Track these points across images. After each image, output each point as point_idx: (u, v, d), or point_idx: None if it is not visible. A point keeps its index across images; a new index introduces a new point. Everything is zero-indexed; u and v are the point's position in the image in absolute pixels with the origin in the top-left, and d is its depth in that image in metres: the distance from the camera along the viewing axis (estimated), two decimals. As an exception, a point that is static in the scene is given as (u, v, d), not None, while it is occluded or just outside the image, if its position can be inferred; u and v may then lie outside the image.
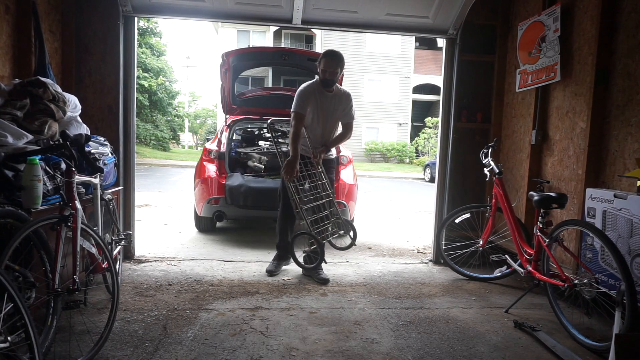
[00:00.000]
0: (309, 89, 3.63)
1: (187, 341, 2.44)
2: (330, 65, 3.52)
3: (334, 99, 3.68)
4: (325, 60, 3.52)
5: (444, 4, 3.96)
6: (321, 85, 3.62)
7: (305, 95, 3.61)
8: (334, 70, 3.53)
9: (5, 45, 3.00)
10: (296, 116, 3.58)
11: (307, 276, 3.74)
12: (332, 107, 3.68)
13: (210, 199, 4.82)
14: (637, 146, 2.81)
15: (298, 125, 3.56)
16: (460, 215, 3.88)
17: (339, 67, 3.56)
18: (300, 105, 3.59)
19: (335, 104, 3.69)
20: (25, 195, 2.05)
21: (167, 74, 25.61)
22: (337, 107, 3.70)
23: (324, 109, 3.66)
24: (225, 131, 5.52)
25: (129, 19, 3.82)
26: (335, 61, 3.54)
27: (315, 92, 3.62)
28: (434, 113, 25.43)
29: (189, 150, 32.53)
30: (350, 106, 3.75)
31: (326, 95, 3.64)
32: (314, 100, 3.61)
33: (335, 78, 3.57)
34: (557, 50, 3.45)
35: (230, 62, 5.28)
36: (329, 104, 3.66)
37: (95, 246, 2.37)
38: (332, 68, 3.52)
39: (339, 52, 3.62)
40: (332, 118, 3.72)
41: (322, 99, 3.63)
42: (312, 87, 3.64)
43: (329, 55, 3.55)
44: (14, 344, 1.55)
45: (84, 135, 2.41)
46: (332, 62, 3.52)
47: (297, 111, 3.59)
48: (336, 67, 3.54)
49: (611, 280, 2.71)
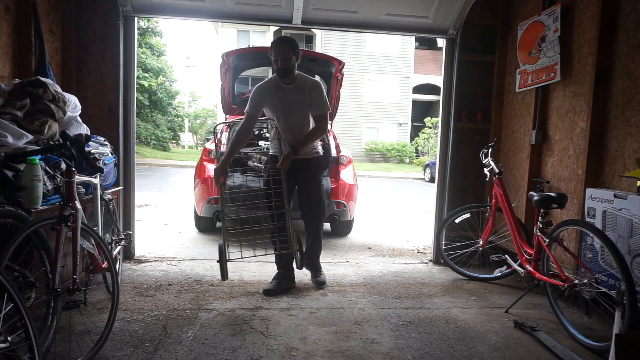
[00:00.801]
0: (263, 85, 3.30)
1: (187, 341, 2.44)
2: (279, 52, 3.12)
3: (294, 91, 3.25)
4: (274, 49, 3.14)
5: (444, 4, 3.96)
6: (278, 77, 3.23)
7: (257, 93, 3.27)
8: (286, 56, 3.12)
9: (5, 45, 3.00)
10: (245, 117, 3.28)
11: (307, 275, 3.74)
12: (293, 100, 3.25)
13: (210, 199, 4.82)
14: (637, 146, 2.81)
15: (242, 126, 3.27)
16: (460, 215, 3.88)
17: (290, 51, 3.14)
18: (251, 104, 3.26)
19: (297, 95, 3.25)
20: (25, 195, 2.05)
21: (167, 74, 25.61)
22: (300, 99, 3.26)
23: (283, 103, 3.26)
24: (225, 131, 5.52)
25: (129, 19, 3.82)
26: (285, 46, 3.13)
27: (271, 87, 3.26)
28: (434, 113, 25.43)
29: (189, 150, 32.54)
30: (318, 96, 3.27)
31: (284, 88, 3.24)
32: (269, 97, 3.25)
33: (288, 65, 3.15)
34: (557, 50, 3.45)
35: (230, 62, 5.28)
36: (289, 97, 3.25)
37: (95, 246, 2.37)
38: (282, 54, 3.12)
39: (286, 37, 3.26)
40: (295, 112, 3.28)
41: (280, 93, 3.24)
42: (268, 83, 3.29)
43: (276, 43, 3.17)
44: (14, 344, 1.55)
45: (84, 135, 2.41)
46: (280, 49, 3.12)
47: (246, 111, 3.28)
48: (287, 53, 3.12)
49: (611, 280, 2.71)
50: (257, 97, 3.25)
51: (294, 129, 3.32)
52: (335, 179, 5.12)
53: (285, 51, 3.12)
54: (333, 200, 4.92)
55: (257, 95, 3.26)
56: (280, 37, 3.22)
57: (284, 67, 3.15)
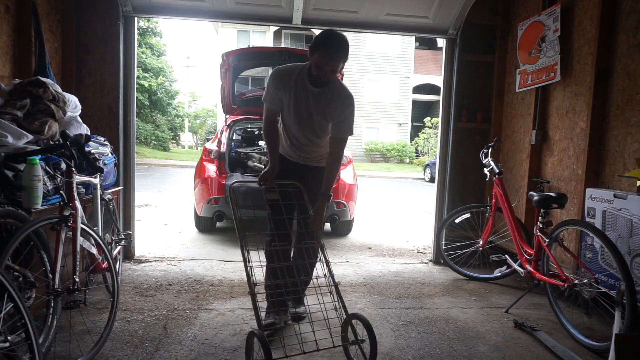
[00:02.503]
0: (284, 72, 2.54)
1: (187, 341, 2.44)
2: (331, 61, 2.35)
3: (321, 98, 2.51)
4: (325, 55, 2.34)
5: (444, 4, 3.96)
6: (308, 77, 2.49)
7: (276, 81, 2.53)
8: (335, 68, 2.39)
9: (5, 45, 3.00)
10: (265, 109, 2.62)
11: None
12: (315, 107, 2.53)
13: (210, 199, 4.82)
14: (637, 146, 2.81)
15: (266, 122, 2.62)
16: (460, 215, 3.88)
17: (343, 61, 2.41)
18: (267, 95, 2.58)
19: (323, 104, 2.52)
20: (25, 195, 2.05)
21: (167, 74, 25.61)
22: (323, 109, 2.52)
23: (301, 107, 2.54)
24: (225, 131, 5.52)
25: (129, 19, 3.82)
26: (339, 54, 2.36)
27: (293, 79, 2.51)
28: (434, 113, 25.42)
29: (189, 150, 32.52)
30: (348, 115, 2.52)
31: (309, 89, 2.51)
32: (287, 91, 2.52)
33: (332, 78, 2.46)
34: (557, 50, 3.45)
35: (230, 62, 5.28)
36: (311, 101, 2.52)
37: (95, 246, 2.37)
38: (333, 64, 2.36)
39: (340, 38, 2.39)
40: (311, 122, 2.56)
41: (301, 92, 2.52)
42: (292, 71, 2.53)
43: (331, 46, 2.34)
44: (14, 344, 1.55)
45: (84, 135, 2.41)
46: (335, 57, 2.35)
47: (266, 104, 2.61)
48: (339, 63, 2.38)
49: (611, 280, 2.71)
50: (274, 87, 2.54)
51: (301, 143, 2.65)
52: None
53: (338, 61, 2.38)
54: (333, 200, 4.92)
55: (276, 82, 2.53)
56: (337, 38, 2.37)
57: (327, 79, 2.44)
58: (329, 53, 2.36)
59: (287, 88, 2.53)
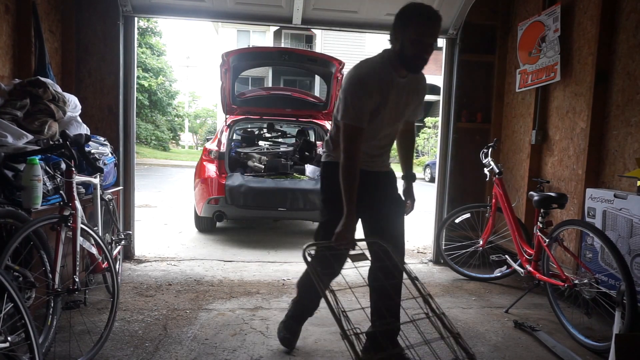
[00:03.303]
0: (375, 70, 2.02)
1: (187, 341, 2.44)
2: (431, 30, 1.97)
3: (406, 87, 2.10)
4: (421, 23, 1.94)
5: (444, 4, 3.95)
6: (401, 65, 2.01)
7: (368, 85, 1.98)
8: (435, 39, 2.03)
9: (5, 45, 3.00)
10: (352, 133, 2.00)
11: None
12: (405, 100, 2.13)
13: (210, 199, 4.82)
14: (637, 146, 2.81)
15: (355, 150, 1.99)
16: (460, 215, 3.88)
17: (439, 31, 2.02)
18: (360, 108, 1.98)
19: (409, 94, 2.14)
20: (25, 195, 2.05)
21: (167, 74, 25.60)
22: (411, 99, 2.16)
23: (396, 103, 2.10)
24: (225, 131, 5.52)
25: (129, 19, 3.82)
26: (438, 19, 2.00)
27: (386, 78, 2.03)
28: (434, 113, 25.40)
29: (189, 150, 32.50)
30: (423, 97, 2.26)
31: (397, 81, 2.06)
32: (379, 93, 2.01)
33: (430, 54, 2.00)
34: (557, 50, 3.45)
35: (230, 62, 5.28)
36: (401, 94, 2.09)
37: (95, 246, 2.37)
38: (434, 34, 1.99)
39: (432, 9, 2.01)
40: (400, 118, 2.20)
41: (390, 88, 2.04)
42: (382, 69, 2.03)
43: (423, 12, 1.96)
44: (14, 344, 1.55)
45: (84, 135, 2.41)
46: (434, 22, 1.98)
47: (354, 124, 1.99)
48: (439, 30, 2.01)
49: (611, 280, 2.71)
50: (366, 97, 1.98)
51: (382, 148, 2.25)
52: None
53: (439, 27, 2.00)
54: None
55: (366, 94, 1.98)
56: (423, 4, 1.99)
57: (428, 57, 1.99)
58: (430, 17, 1.94)
59: (378, 92, 2.01)
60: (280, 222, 6.21)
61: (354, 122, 1.99)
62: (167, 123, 27.11)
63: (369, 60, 2.09)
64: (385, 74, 2.03)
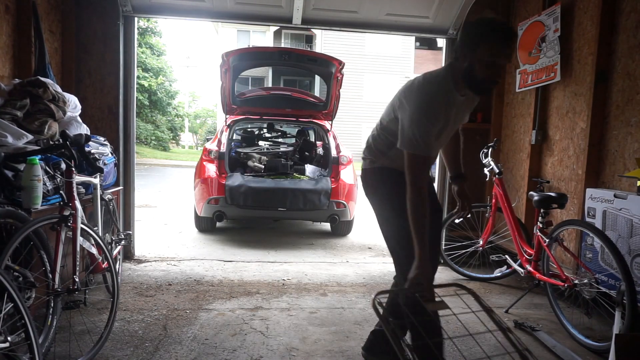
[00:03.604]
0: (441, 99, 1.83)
1: (187, 341, 2.44)
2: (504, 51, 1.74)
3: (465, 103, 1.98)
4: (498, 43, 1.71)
5: (444, 4, 3.96)
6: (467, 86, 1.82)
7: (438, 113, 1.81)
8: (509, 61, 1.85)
9: (5, 45, 3.00)
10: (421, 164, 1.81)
11: (307, 275, 3.74)
12: (463, 116, 2.08)
13: (210, 199, 4.82)
14: (637, 146, 2.81)
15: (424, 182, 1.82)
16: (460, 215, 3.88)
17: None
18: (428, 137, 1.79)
19: (467, 108, 2.06)
20: (25, 195, 2.05)
21: (167, 74, 25.60)
22: (467, 111, 2.10)
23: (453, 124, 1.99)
24: (225, 131, 5.52)
25: (129, 18, 3.82)
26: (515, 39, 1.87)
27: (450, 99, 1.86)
28: (434, 113, 25.40)
29: (189, 150, 32.51)
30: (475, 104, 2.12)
31: (457, 99, 1.90)
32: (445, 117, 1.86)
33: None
34: (557, 50, 3.45)
35: (230, 62, 5.28)
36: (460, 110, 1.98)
37: (95, 246, 2.37)
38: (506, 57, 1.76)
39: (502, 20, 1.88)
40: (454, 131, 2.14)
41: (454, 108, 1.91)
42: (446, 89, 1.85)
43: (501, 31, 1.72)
44: (14, 344, 1.55)
45: (84, 135, 2.41)
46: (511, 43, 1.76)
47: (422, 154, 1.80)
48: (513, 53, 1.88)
49: (611, 280, 2.71)
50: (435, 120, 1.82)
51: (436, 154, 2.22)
52: (335, 179, 5.12)
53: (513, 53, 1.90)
54: (333, 200, 4.92)
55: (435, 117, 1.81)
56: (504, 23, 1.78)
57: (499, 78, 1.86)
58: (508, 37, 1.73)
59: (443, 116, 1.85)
60: (280, 222, 6.21)
61: (423, 152, 1.80)
62: (167, 123, 27.11)
63: (433, 81, 1.85)
64: (450, 95, 1.85)
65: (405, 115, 1.83)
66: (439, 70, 1.93)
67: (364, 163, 2.17)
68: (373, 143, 2.12)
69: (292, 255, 4.49)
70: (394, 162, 2.02)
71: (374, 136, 2.13)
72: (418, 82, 1.88)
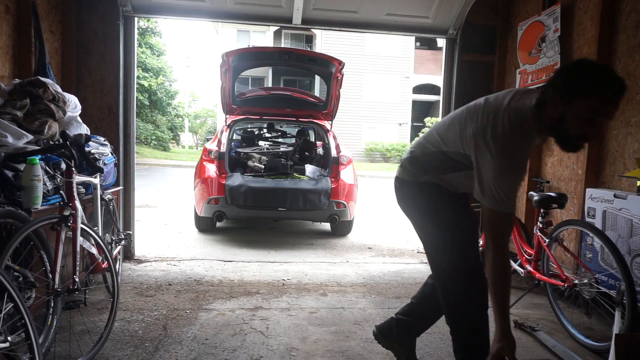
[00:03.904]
0: (529, 147, 1.63)
1: (187, 341, 2.44)
2: (609, 109, 1.52)
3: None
4: (600, 99, 1.48)
5: (444, 4, 3.96)
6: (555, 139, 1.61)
7: (525, 162, 1.64)
8: (611, 119, 1.63)
9: (5, 45, 3.00)
10: (506, 223, 1.63)
11: (307, 275, 3.74)
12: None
13: (210, 199, 4.82)
14: (637, 146, 2.81)
15: (507, 243, 1.64)
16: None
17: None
18: (514, 191, 1.61)
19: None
20: (25, 195, 2.05)
21: (167, 74, 25.60)
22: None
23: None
24: (225, 131, 5.52)
25: (129, 19, 3.82)
26: (622, 97, 1.52)
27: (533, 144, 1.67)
28: (434, 113, 25.41)
29: (189, 150, 32.50)
30: None
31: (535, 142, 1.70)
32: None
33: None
34: (557, 50, 3.45)
35: (230, 62, 5.28)
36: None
37: (95, 246, 2.37)
38: (609, 115, 1.54)
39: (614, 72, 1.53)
40: None
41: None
42: (533, 137, 1.62)
43: (608, 88, 1.48)
44: (14, 344, 1.55)
45: (84, 135, 2.41)
46: (615, 102, 1.51)
47: (507, 211, 1.61)
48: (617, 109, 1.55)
49: (611, 280, 2.71)
50: (524, 169, 1.67)
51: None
52: (335, 179, 5.12)
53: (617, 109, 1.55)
54: (333, 200, 4.92)
55: (529, 145, 1.63)
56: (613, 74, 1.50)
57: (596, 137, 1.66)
58: (617, 91, 1.48)
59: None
60: (280, 222, 6.21)
61: (508, 210, 1.60)
62: (167, 123, 27.10)
63: (521, 128, 1.56)
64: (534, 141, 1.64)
65: (487, 165, 1.58)
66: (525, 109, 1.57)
67: (404, 173, 1.96)
68: (423, 158, 1.89)
69: (292, 255, 4.49)
70: (445, 183, 1.87)
71: (425, 152, 1.88)
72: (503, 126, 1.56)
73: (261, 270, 3.89)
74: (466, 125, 1.70)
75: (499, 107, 1.62)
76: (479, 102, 1.74)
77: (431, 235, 1.95)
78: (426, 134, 1.93)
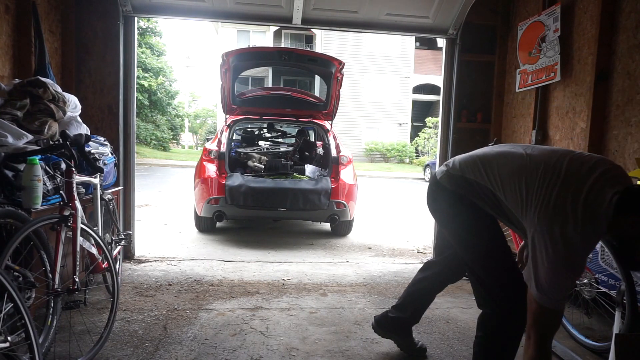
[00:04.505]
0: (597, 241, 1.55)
1: (187, 341, 2.44)
2: None
3: None
4: None
5: (444, 4, 3.96)
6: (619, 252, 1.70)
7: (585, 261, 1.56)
8: None
9: (5, 45, 3.00)
10: (553, 318, 1.54)
11: (307, 275, 3.74)
12: None
13: (210, 199, 4.82)
14: (637, 146, 2.81)
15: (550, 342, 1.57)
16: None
17: None
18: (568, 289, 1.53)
19: None
20: (25, 195, 2.05)
21: (167, 74, 25.59)
22: None
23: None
24: (225, 131, 5.52)
25: (129, 19, 3.82)
26: None
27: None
28: (434, 113, 25.41)
29: (189, 150, 32.51)
30: None
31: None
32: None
33: None
34: (557, 50, 3.45)
35: (230, 62, 5.28)
36: None
37: (95, 246, 2.37)
38: None
39: None
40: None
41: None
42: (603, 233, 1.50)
43: None
44: (14, 344, 1.55)
45: (84, 135, 2.41)
46: None
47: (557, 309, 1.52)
48: None
49: (611, 280, 2.70)
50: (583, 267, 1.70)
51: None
52: (335, 179, 5.12)
53: None
54: (333, 200, 4.92)
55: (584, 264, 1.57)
56: None
57: None
58: None
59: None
60: (280, 222, 6.21)
61: (558, 307, 1.50)
62: (167, 123, 27.10)
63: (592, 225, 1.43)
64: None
65: (545, 256, 1.46)
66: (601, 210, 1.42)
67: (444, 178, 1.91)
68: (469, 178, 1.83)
69: (292, 255, 4.49)
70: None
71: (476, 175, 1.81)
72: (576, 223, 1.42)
73: (261, 270, 3.89)
74: (534, 195, 1.55)
75: (577, 195, 1.45)
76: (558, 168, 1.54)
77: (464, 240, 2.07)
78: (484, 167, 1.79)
